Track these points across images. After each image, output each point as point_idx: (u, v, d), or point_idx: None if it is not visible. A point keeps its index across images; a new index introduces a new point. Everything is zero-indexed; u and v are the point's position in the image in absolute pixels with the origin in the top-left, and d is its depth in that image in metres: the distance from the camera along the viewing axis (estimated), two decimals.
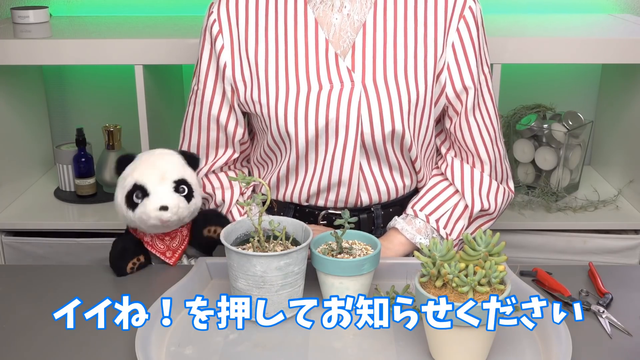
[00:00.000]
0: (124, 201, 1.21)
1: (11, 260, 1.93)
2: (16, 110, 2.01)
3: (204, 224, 1.26)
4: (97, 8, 2.20)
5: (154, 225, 1.20)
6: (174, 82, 2.11)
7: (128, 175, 1.21)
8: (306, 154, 1.30)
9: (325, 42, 1.28)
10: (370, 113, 1.26)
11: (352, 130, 1.27)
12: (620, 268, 1.27)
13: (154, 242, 1.26)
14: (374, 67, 1.27)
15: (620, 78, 2.06)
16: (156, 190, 1.19)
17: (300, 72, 1.27)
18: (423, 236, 1.33)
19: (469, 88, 1.31)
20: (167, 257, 1.26)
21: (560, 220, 1.92)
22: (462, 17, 1.29)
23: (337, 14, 1.29)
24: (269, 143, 1.34)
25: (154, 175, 1.20)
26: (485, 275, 0.94)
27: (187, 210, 1.22)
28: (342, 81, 1.27)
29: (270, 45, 1.29)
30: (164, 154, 1.25)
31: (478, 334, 0.93)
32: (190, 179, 1.23)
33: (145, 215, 1.19)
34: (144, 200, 1.19)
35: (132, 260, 1.24)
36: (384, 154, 1.30)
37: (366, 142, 1.28)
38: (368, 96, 1.26)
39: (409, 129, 1.28)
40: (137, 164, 1.22)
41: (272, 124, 1.29)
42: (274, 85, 1.28)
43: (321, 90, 1.26)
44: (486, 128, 1.35)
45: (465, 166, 1.37)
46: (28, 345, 1.03)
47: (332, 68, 1.27)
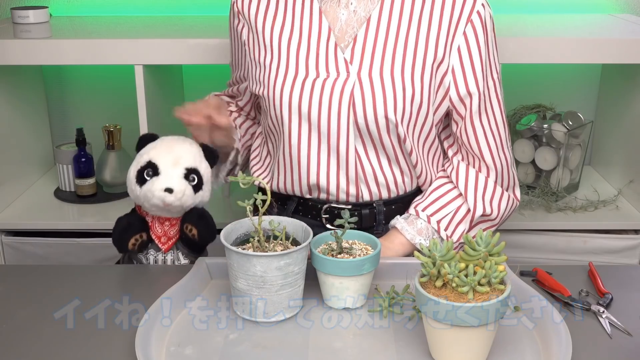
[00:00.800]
0: (134, 175, 1.24)
1: (11, 260, 1.93)
2: (16, 110, 2.01)
3: (187, 219, 1.26)
4: (97, 8, 2.20)
5: (156, 205, 1.22)
6: (174, 82, 2.11)
7: (145, 152, 1.25)
8: (298, 141, 1.32)
9: (328, 32, 1.30)
10: (363, 100, 1.27)
11: (344, 115, 1.28)
12: (620, 268, 1.27)
13: (153, 224, 1.28)
14: (371, 61, 1.28)
15: (620, 78, 2.06)
16: (166, 172, 1.22)
17: (300, 58, 1.31)
18: (424, 237, 1.33)
19: (472, 94, 1.31)
20: (162, 243, 1.27)
21: (560, 220, 1.92)
22: (469, 21, 1.29)
23: (343, 10, 1.31)
24: (268, 124, 1.38)
25: (169, 157, 1.23)
26: (485, 275, 0.94)
27: (192, 199, 1.23)
28: (338, 72, 1.29)
29: (275, 29, 1.34)
30: (185, 141, 1.28)
31: (478, 334, 0.93)
32: (204, 171, 1.26)
33: (150, 193, 1.21)
34: (152, 179, 1.22)
35: (135, 236, 1.25)
36: (379, 140, 1.31)
37: (360, 126, 1.29)
38: (362, 88, 1.27)
39: (402, 122, 1.29)
40: (157, 144, 1.26)
41: (269, 105, 1.33)
42: (275, 67, 1.32)
43: (317, 78, 1.29)
44: (492, 133, 1.35)
45: (471, 170, 1.37)
46: (28, 345, 1.03)
47: (330, 58, 1.29)
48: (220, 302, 1.13)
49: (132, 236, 1.25)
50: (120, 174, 2.03)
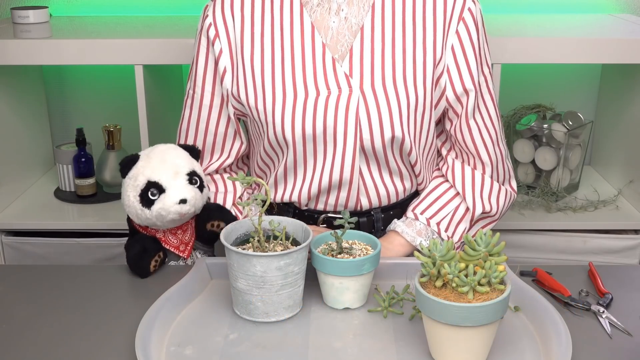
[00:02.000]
0: (137, 200, 1.19)
1: (11, 260, 1.93)
2: (16, 110, 2.01)
3: (207, 218, 1.26)
4: (97, 8, 2.20)
5: (173, 220, 1.20)
6: (174, 82, 2.11)
7: (138, 174, 1.20)
8: (304, 158, 1.29)
9: (322, 47, 1.27)
10: (369, 119, 1.25)
11: (350, 137, 1.26)
12: (620, 268, 1.27)
13: (167, 238, 1.26)
14: (372, 72, 1.26)
15: (620, 78, 2.06)
16: (172, 185, 1.19)
17: (297, 78, 1.26)
18: (424, 238, 1.33)
19: (469, 90, 1.30)
20: (181, 251, 1.26)
21: (560, 220, 1.92)
22: (461, 19, 1.28)
23: (334, 17, 1.28)
24: (265, 149, 1.33)
25: (167, 170, 1.20)
26: (485, 275, 0.94)
27: (202, 200, 1.24)
28: (339, 87, 1.26)
29: (266, 50, 1.28)
30: (169, 148, 1.25)
31: (478, 334, 0.93)
32: (199, 170, 1.25)
33: (165, 210, 1.18)
34: (160, 197, 1.19)
35: (154, 258, 1.22)
36: (384, 159, 1.30)
37: (366, 148, 1.27)
38: (367, 102, 1.25)
39: (408, 134, 1.27)
40: (144, 162, 1.21)
41: (269, 130, 1.28)
42: (270, 91, 1.27)
43: (318, 97, 1.25)
44: (487, 129, 1.34)
45: (467, 168, 1.37)
46: (28, 345, 1.02)
47: (329, 73, 1.26)
48: (220, 302, 1.13)
49: (151, 260, 1.22)
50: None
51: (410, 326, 1.06)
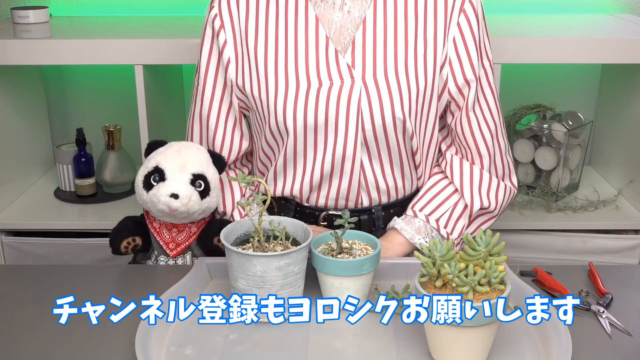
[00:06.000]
0: (142, 180, 1.24)
1: (11, 260, 1.93)
2: (16, 110, 2.01)
3: (217, 232, 1.26)
4: (97, 8, 2.20)
5: (162, 210, 1.21)
6: (174, 82, 2.11)
7: (152, 157, 1.25)
8: (304, 148, 1.30)
9: (326, 39, 1.28)
10: (370, 107, 1.26)
11: (352, 127, 1.26)
12: (620, 268, 1.27)
13: (161, 230, 1.27)
14: (374, 64, 1.27)
15: (620, 78, 2.06)
16: (173, 178, 1.21)
17: (299, 69, 1.27)
18: (422, 236, 1.33)
19: (470, 81, 1.31)
20: (170, 249, 1.27)
21: (560, 220, 1.92)
22: (462, 11, 1.29)
23: (337, 12, 1.29)
24: (267, 140, 1.34)
25: (176, 163, 1.22)
26: (485, 275, 0.94)
27: (198, 206, 1.23)
28: (342, 78, 1.26)
29: (270, 42, 1.29)
30: (193, 147, 1.28)
31: (478, 333, 0.93)
32: (211, 178, 1.25)
33: (156, 198, 1.20)
34: (159, 184, 1.21)
35: (127, 239, 1.26)
36: (385, 143, 1.29)
37: (367, 136, 1.28)
38: (369, 93, 1.26)
39: (409, 117, 1.27)
40: (165, 149, 1.26)
41: (270, 119, 1.29)
42: (273, 82, 1.28)
43: (321, 87, 1.26)
44: (486, 122, 1.34)
45: (465, 163, 1.37)
46: (28, 345, 1.03)
47: (332, 65, 1.27)
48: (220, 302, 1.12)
49: (123, 239, 1.26)
50: (120, 174, 2.03)
51: (410, 326, 1.06)
